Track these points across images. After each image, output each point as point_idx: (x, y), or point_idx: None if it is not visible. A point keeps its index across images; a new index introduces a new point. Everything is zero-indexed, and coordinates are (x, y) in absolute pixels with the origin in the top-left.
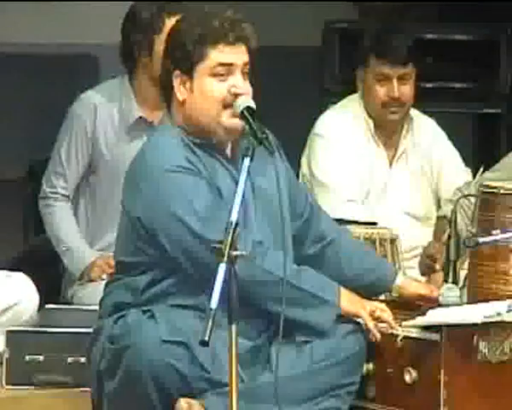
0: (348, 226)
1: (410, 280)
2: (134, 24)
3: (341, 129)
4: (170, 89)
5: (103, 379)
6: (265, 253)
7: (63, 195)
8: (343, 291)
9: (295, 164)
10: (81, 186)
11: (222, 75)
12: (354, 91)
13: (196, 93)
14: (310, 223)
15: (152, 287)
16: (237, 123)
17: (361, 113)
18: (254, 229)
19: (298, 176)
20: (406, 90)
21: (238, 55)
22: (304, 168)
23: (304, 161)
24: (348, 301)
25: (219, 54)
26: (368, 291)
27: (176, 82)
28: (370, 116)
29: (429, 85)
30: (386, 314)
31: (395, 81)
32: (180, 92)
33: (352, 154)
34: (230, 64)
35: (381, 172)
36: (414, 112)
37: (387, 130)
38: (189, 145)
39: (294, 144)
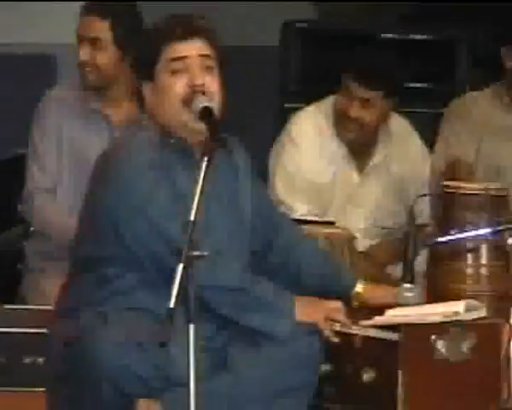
0: (305, 226)
1: (370, 287)
2: None
3: (311, 131)
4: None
5: (59, 382)
6: (223, 261)
7: (45, 188)
8: (298, 300)
9: (255, 165)
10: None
11: (178, 71)
12: (314, 92)
13: (157, 93)
14: (275, 235)
15: (106, 286)
16: (197, 124)
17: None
18: (214, 236)
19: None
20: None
21: (191, 47)
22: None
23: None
24: (303, 311)
25: (171, 50)
26: (328, 298)
27: (145, 91)
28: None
29: None
30: (341, 316)
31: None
32: (148, 98)
33: (317, 157)
34: (184, 57)
35: (349, 181)
36: (396, 124)
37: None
38: (159, 145)
39: (254, 146)
